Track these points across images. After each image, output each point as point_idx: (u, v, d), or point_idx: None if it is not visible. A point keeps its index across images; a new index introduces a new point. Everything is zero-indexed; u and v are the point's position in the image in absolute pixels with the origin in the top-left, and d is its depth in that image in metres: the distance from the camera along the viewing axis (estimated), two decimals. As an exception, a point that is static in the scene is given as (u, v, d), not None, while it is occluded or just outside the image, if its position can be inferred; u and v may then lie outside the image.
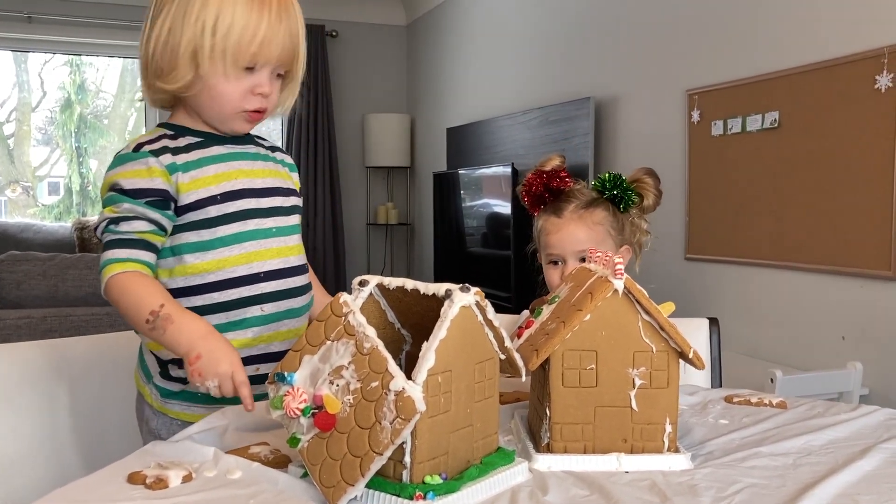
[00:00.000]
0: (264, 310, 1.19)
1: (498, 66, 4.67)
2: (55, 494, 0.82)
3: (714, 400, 1.20)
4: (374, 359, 0.80)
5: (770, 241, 2.68)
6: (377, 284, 0.91)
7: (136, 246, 1.13)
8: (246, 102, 1.16)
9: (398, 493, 0.78)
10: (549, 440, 0.93)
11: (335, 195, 5.84)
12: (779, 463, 0.92)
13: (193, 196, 1.16)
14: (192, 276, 1.16)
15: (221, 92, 1.15)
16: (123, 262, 1.11)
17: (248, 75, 1.15)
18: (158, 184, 1.14)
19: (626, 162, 3.47)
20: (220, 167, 1.19)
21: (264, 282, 1.20)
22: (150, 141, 1.18)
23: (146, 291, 1.08)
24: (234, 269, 1.18)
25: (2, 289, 2.36)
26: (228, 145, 1.23)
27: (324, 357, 0.84)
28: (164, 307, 1.06)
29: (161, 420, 1.19)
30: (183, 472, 0.86)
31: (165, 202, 1.15)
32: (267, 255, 1.21)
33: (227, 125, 1.20)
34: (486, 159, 4.50)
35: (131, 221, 1.13)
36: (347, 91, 5.98)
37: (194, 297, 1.16)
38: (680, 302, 3.15)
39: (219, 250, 1.17)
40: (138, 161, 1.15)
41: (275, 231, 1.23)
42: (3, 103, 6.77)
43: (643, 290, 0.92)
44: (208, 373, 1.01)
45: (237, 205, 1.19)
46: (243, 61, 1.13)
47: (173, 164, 1.16)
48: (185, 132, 1.21)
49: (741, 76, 2.78)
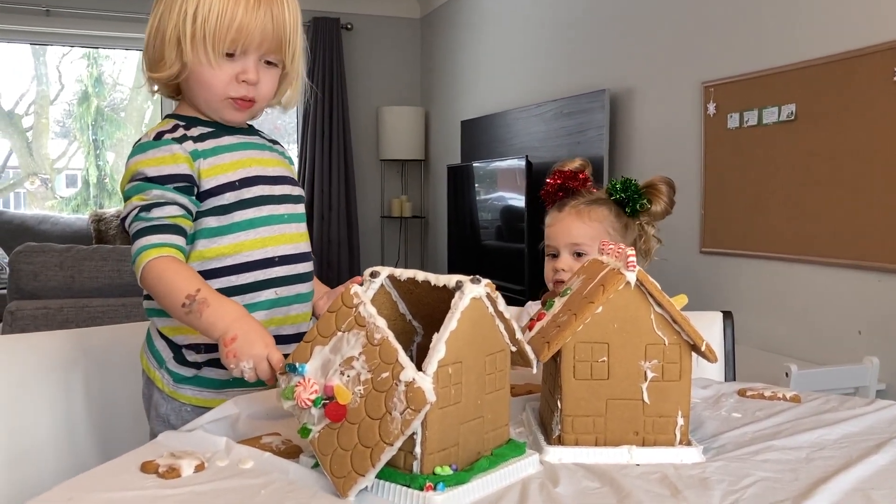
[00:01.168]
0: (278, 293, 1.22)
1: (512, 59, 4.65)
2: (69, 483, 0.83)
3: (727, 393, 1.20)
4: (385, 349, 0.80)
5: (786, 234, 2.66)
6: (388, 276, 0.91)
7: (169, 231, 1.14)
8: (231, 89, 1.18)
9: (408, 484, 0.78)
10: (561, 432, 0.93)
11: (350, 188, 5.84)
12: (791, 457, 0.92)
13: (213, 182, 1.18)
14: (209, 259, 1.18)
15: (207, 79, 1.17)
16: (158, 247, 1.12)
17: (231, 62, 1.16)
18: (184, 169, 1.16)
19: (642, 155, 3.45)
20: (234, 155, 1.22)
21: (278, 266, 1.22)
22: (169, 130, 1.20)
23: (182, 276, 1.10)
24: (251, 254, 1.20)
25: (19, 280, 2.39)
26: (238, 135, 1.25)
27: (335, 348, 0.85)
28: (201, 291, 1.08)
29: (171, 405, 1.20)
30: (195, 462, 0.86)
31: (191, 188, 1.17)
32: (280, 240, 1.23)
33: (218, 114, 1.22)
34: (500, 152, 4.49)
35: (163, 207, 1.14)
36: (362, 84, 5.98)
37: (211, 280, 1.17)
38: (695, 296, 3.14)
39: (235, 234, 1.19)
40: (162, 148, 1.17)
41: (287, 217, 1.25)
42: (22, 96, 6.83)
43: (655, 283, 0.92)
44: (243, 354, 1.01)
45: (252, 191, 1.21)
46: (222, 46, 1.14)
47: (196, 151, 1.18)
48: (195, 122, 1.23)
49: (757, 68, 2.76)
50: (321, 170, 5.76)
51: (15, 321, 2.34)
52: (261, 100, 1.22)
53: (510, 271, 4.08)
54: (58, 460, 1.28)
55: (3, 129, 7.23)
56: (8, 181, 7.74)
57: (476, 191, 4.62)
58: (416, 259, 6.17)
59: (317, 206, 5.77)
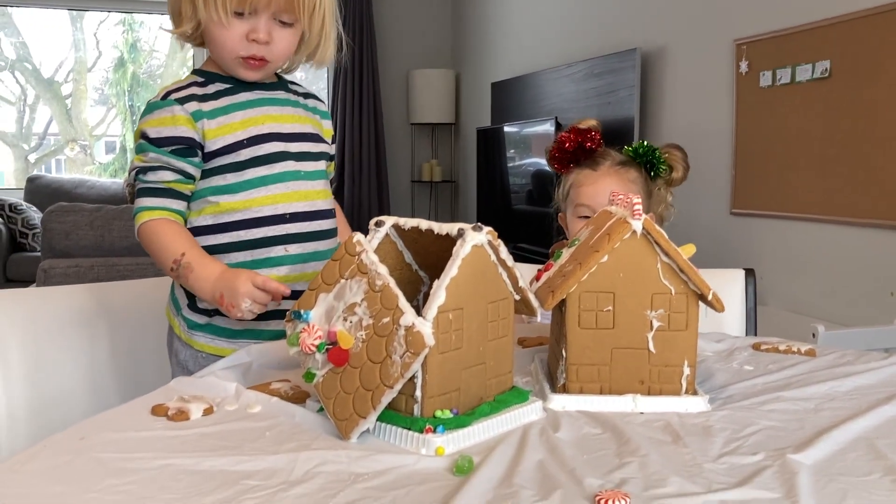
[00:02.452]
0: (289, 250, 1.23)
1: (542, 18, 4.59)
2: (83, 424, 0.85)
3: (741, 347, 1.19)
4: (386, 296, 0.81)
5: (818, 195, 2.61)
6: (393, 225, 0.92)
7: (165, 195, 1.18)
8: (242, 48, 1.18)
9: (409, 427, 0.79)
10: (566, 381, 0.93)
11: (380, 152, 5.85)
12: (799, 407, 0.91)
13: (220, 142, 1.19)
14: (219, 214, 1.20)
15: (218, 37, 1.17)
16: (152, 209, 1.17)
17: (242, 20, 1.16)
18: (183, 131, 1.18)
19: (672, 115, 3.40)
20: (247, 113, 1.22)
21: (290, 223, 1.23)
22: (179, 88, 1.21)
23: (170, 239, 1.14)
24: (261, 209, 1.21)
25: (51, 239, 2.44)
26: (257, 91, 1.25)
27: (338, 295, 0.86)
28: (185, 255, 1.11)
29: (189, 352, 1.24)
30: (204, 406, 0.88)
31: (191, 149, 1.18)
32: (294, 196, 1.24)
33: (232, 71, 1.22)
34: (530, 114, 4.45)
35: (157, 171, 1.18)
36: (392, 47, 5.95)
37: (221, 234, 1.20)
38: (725, 257, 3.12)
39: (247, 192, 1.21)
40: (164, 109, 1.19)
41: (303, 175, 1.26)
42: (61, 64, 6.92)
43: (662, 232, 0.91)
44: (236, 301, 1.06)
45: (264, 148, 1.21)
46: (231, 5, 1.14)
47: (198, 112, 1.19)
48: (214, 78, 1.24)
49: (791, 24, 2.69)
50: (351, 134, 5.77)
51: (48, 279, 2.40)
52: (275, 59, 1.21)
53: (539, 235, 4.06)
54: (82, 408, 1.31)
55: (44, 95, 7.35)
56: (49, 148, 7.87)
57: (506, 154, 4.60)
58: (445, 222, 6.16)
59: (347, 170, 5.80)
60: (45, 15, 5.99)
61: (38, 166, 7.14)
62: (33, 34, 6.38)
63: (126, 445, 0.79)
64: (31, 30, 6.34)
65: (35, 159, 7.25)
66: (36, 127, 7.27)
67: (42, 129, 7.67)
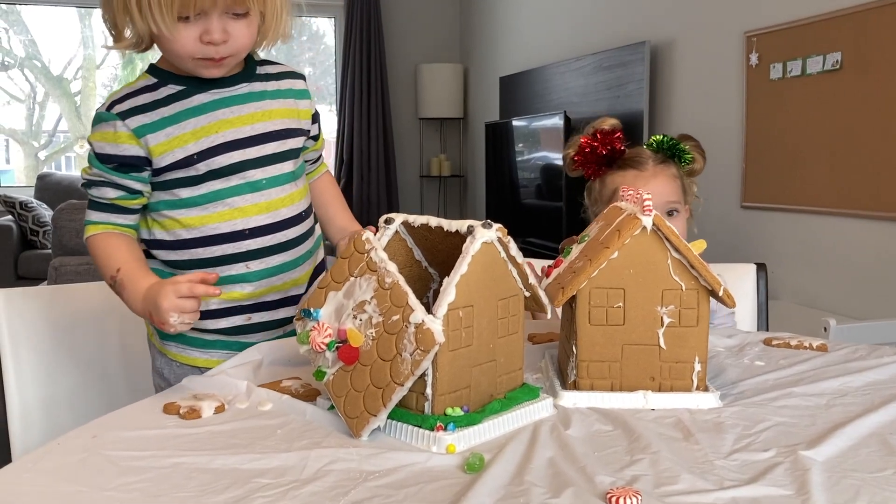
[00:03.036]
0: (249, 267, 1.17)
1: (551, 12, 4.57)
2: (96, 422, 0.86)
3: (752, 343, 1.18)
4: (396, 293, 0.81)
5: (830, 187, 2.59)
6: (403, 222, 0.92)
7: (109, 210, 1.14)
8: (197, 51, 1.07)
9: (420, 424, 0.79)
10: (576, 377, 0.93)
11: (388, 147, 5.85)
12: (811, 403, 0.91)
13: (169, 158, 1.12)
14: (175, 230, 1.15)
15: (170, 44, 1.07)
16: (96, 224, 1.13)
17: (190, 24, 1.05)
18: (125, 150, 1.11)
19: (682, 109, 3.38)
20: (199, 121, 1.13)
21: (250, 238, 1.16)
22: (126, 96, 1.13)
23: (108, 254, 1.10)
24: (217, 227, 1.15)
25: (62, 237, 2.45)
26: (215, 90, 1.15)
27: (348, 293, 0.86)
28: (120, 271, 1.07)
29: (163, 360, 1.21)
30: (215, 404, 0.89)
31: (135, 167, 1.12)
32: (253, 210, 1.16)
33: (193, 72, 1.12)
34: (538, 108, 4.44)
35: (100, 187, 1.13)
36: (400, 41, 5.94)
37: (179, 250, 1.15)
38: (736, 250, 3.10)
39: (203, 206, 1.14)
40: (107, 123, 1.12)
41: (264, 184, 1.16)
42: (70, 61, 6.93)
43: (672, 227, 0.90)
44: (163, 318, 0.98)
45: (219, 161, 1.13)
46: (171, 12, 1.02)
47: (142, 127, 1.11)
48: (168, 79, 1.14)
49: (801, 16, 2.67)
50: (360, 130, 5.77)
51: (59, 276, 2.41)
52: (237, 52, 1.11)
53: (549, 229, 4.06)
54: (93, 406, 1.32)
55: (53, 93, 7.37)
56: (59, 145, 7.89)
57: (514, 148, 4.58)
58: (454, 217, 6.14)
59: (356, 166, 5.80)
60: (54, 12, 6.01)
61: (47, 163, 7.16)
62: (42, 32, 6.39)
63: (138, 443, 0.79)
64: (39, 27, 6.36)
65: (45, 156, 7.27)
66: (45, 124, 7.29)
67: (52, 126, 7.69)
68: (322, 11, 6.10)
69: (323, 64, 6.53)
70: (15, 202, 4.90)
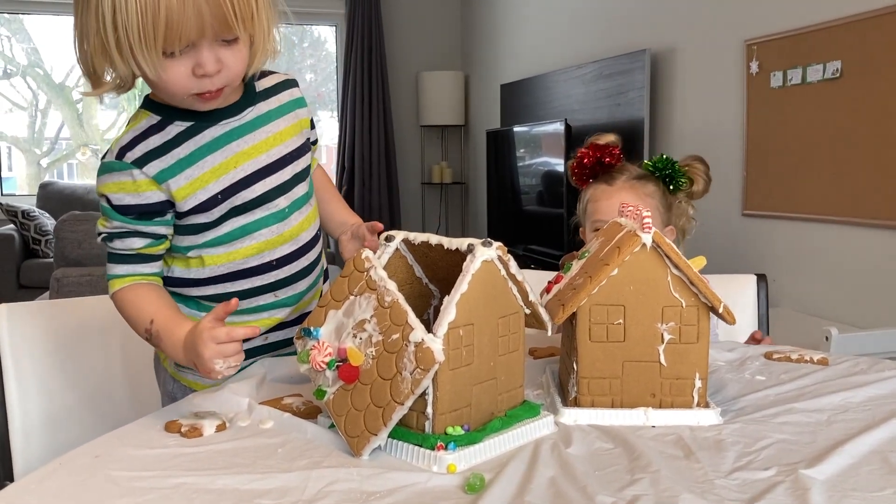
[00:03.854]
0: (277, 296, 1.17)
1: (551, 20, 4.58)
2: (97, 441, 0.86)
3: (753, 356, 1.18)
4: (395, 312, 0.81)
5: (830, 196, 2.59)
6: (403, 240, 0.92)
7: (133, 261, 1.09)
8: (192, 85, 1.00)
9: (420, 444, 0.79)
10: (577, 394, 0.93)
11: (390, 155, 5.86)
12: (812, 419, 0.91)
13: (192, 201, 1.08)
14: (203, 268, 1.12)
15: (160, 83, 1.00)
16: (122, 277, 1.08)
17: (178, 60, 0.97)
18: (148, 197, 1.07)
19: (683, 116, 3.38)
20: (216, 157, 1.09)
21: (277, 269, 1.15)
22: (134, 141, 1.07)
23: (138, 307, 1.06)
24: (246, 261, 1.13)
25: (64, 248, 2.46)
26: (223, 122, 1.10)
27: (347, 311, 0.86)
28: (154, 323, 1.03)
29: (177, 385, 1.20)
30: (217, 422, 0.89)
31: (159, 213, 1.08)
32: (279, 241, 1.14)
33: (189, 108, 1.06)
34: (539, 115, 4.44)
35: (124, 238, 1.08)
36: (401, 49, 5.96)
37: (207, 286, 1.13)
38: (737, 258, 3.10)
39: (229, 244, 1.12)
40: (122, 173, 1.06)
41: (287, 211, 1.15)
42: (72, 68, 6.95)
43: (672, 245, 0.91)
44: (208, 367, 0.94)
45: (242, 196, 1.10)
46: (155, 50, 0.94)
47: (161, 173, 1.06)
48: (172, 115, 1.08)
49: (802, 24, 2.67)
50: (361, 137, 5.79)
51: (61, 287, 2.42)
52: (232, 81, 1.04)
53: (550, 236, 4.06)
54: (96, 420, 1.32)
55: (55, 100, 7.39)
56: (61, 152, 7.91)
57: (516, 156, 4.59)
58: (456, 225, 6.18)
59: (358, 173, 5.81)
60: (56, 21, 6.03)
61: (49, 171, 7.18)
62: (44, 40, 6.42)
63: (140, 463, 0.79)
64: (42, 36, 6.38)
65: (47, 164, 7.30)
66: (48, 132, 7.31)
67: (54, 133, 7.71)
68: (323, 20, 6.11)
69: (324, 70, 6.55)
70: (17, 211, 4.91)
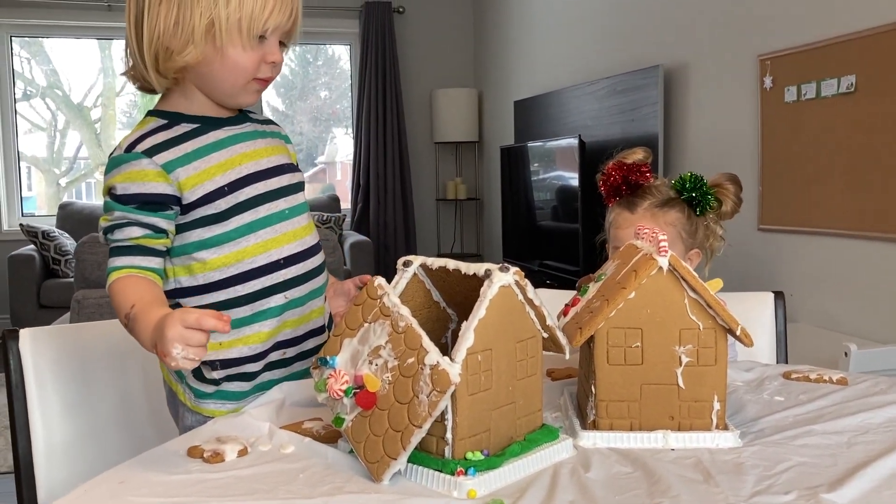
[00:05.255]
0: (287, 297, 1.18)
1: (565, 37, 4.60)
2: (121, 468, 0.87)
3: (771, 376, 1.18)
4: (410, 336, 0.82)
5: (847, 210, 2.58)
6: (421, 265, 0.93)
7: (133, 252, 1.10)
8: (259, 71, 1.15)
9: (440, 469, 0.80)
10: (595, 417, 0.93)
11: (404, 171, 5.89)
12: (832, 441, 0.90)
13: (200, 191, 1.13)
14: (211, 272, 1.15)
15: (237, 63, 1.12)
16: (120, 269, 1.09)
17: (261, 44, 1.13)
18: (152, 187, 1.11)
19: (697, 132, 3.38)
20: (222, 154, 1.16)
21: (285, 268, 1.18)
22: (143, 137, 1.13)
23: (124, 294, 1.06)
24: (254, 260, 1.16)
25: (84, 269, 2.49)
26: (226, 128, 1.19)
27: (362, 339, 0.87)
28: (134, 307, 1.03)
29: (195, 417, 1.19)
30: (238, 447, 0.90)
31: (162, 205, 1.12)
32: (283, 240, 1.18)
33: (236, 98, 1.17)
34: (553, 132, 4.45)
35: (123, 228, 1.10)
36: (415, 67, 6.00)
37: (217, 292, 1.15)
38: (753, 273, 3.08)
39: (235, 241, 1.15)
40: (131, 163, 1.11)
41: (287, 213, 1.20)
42: (90, 89, 7.04)
43: (689, 268, 0.91)
44: (166, 349, 0.90)
45: (246, 192, 1.16)
46: (257, 30, 1.11)
47: (170, 163, 1.12)
48: (179, 119, 1.17)
49: (815, 39, 2.67)
50: (376, 154, 5.82)
51: (81, 309, 2.44)
52: (276, 76, 1.21)
53: (565, 251, 4.06)
54: (117, 442, 1.33)
55: (74, 121, 7.49)
56: (79, 172, 8.01)
57: (530, 172, 4.60)
58: (471, 241, 6.19)
59: (373, 190, 5.84)
60: (75, 44, 6.13)
61: (68, 190, 7.26)
62: (63, 62, 6.51)
63: (164, 489, 0.80)
64: (61, 58, 6.47)
65: (66, 183, 7.38)
66: (66, 151, 7.40)
67: (72, 153, 7.81)
68: (338, 39, 6.16)
69: (339, 88, 6.59)
70: (37, 232, 4.96)
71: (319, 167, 6.79)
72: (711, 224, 1.50)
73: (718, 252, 1.53)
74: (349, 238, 5.32)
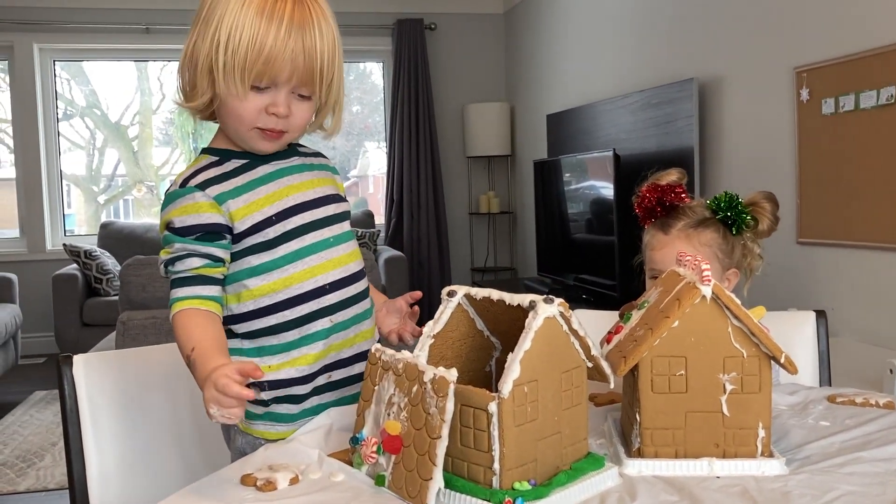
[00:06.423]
0: (332, 320, 1.21)
1: (597, 50, 4.60)
2: (175, 497, 0.90)
3: (816, 400, 1.17)
4: (409, 370, 0.87)
5: (887, 222, 2.55)
6: (465, 294, 0.95)
7: (194, 283, 1.14)
8: (260, 120, 1.15)
9: (489, 499, 0.81)
10: (640, 445, 0.94)
11: (437, 186, 5.92)
12: (881, 469, 0.90)
13: (249, 221, 1.17)
14: (260, 297, 1.18)
15: (236, 109, 1.14)
16: (183, 300, 1.13)
17: (260, 94, 1.13)
18: (208, 218, 1.16)
19: (733, 145, 3.36)
20: (269, 188, 1.20)
21: (330, 293, 1.21)
22: (196, 173, 1.19)
23: (187, 333, 1.10)
24: (301, 286, 1.19)
25: (129, 291, 2.54)
26: (274, 162, 1.23)
27: (377, 400, 0.92)
28: (194, 351, 1.07)
29: (246, 439, 1.22)
30: (290, 475, 0.92)
31: (217, 234, 1.16)
32: (329, 266, 1.22)
33: (247, 144, 1.20)
34: (586, 145, 4.45)
35: (184, 260, 1.15)
36: (447, 82, 6.04)
37: (266, 317, 1.18)
38: (793, 288, 3.05)
39: (283, 268, 1.19)
40: (185, 198, 1.16)
41: (332, 241, 1.24)
42: (127, 107, 7.20)
43: (732, 296, 0.91)
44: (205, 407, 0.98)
45: (293, 221, 1.20)
46: (249, 79, 1.10)
47: (222, 195, 1.17)
48: (229, 155, 1.21)
49: (853, 50, 2.65)
50: (409, 169, 5.86)
51: (126, 331, 2.50)
52: (293, 131, 1.19)
53: (600, 265, 4.05)
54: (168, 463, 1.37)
55: (112, 140, 7.65)
56: (117, 189, 8.18)
57: (563, 185, 4.60)
58: (505, 254, 6.19)
59: (406, 205, 5.88)
60: (114, 66, 6.27)
61: (107, 207, 7.41)
62: (102, 82, 6.68)
63: (219, 519, 0.82)
64: (99, 78, 6.64)
65: (104, 200, 7.54)
66: (105, 169, 7.55)
67: (110, 171, 7.97)
68: (370, 57, 6.23)
69: (371, 102, 6.65)
70: (80, 251, 5.07)
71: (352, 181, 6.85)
72: (748, 243, 1.49)
73: (757, 271, 1.52)
74: (383, 253, 5.36)
